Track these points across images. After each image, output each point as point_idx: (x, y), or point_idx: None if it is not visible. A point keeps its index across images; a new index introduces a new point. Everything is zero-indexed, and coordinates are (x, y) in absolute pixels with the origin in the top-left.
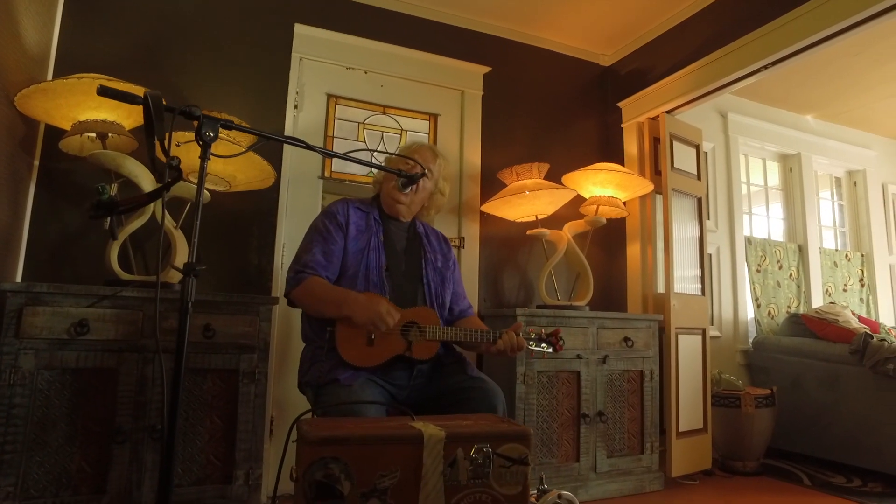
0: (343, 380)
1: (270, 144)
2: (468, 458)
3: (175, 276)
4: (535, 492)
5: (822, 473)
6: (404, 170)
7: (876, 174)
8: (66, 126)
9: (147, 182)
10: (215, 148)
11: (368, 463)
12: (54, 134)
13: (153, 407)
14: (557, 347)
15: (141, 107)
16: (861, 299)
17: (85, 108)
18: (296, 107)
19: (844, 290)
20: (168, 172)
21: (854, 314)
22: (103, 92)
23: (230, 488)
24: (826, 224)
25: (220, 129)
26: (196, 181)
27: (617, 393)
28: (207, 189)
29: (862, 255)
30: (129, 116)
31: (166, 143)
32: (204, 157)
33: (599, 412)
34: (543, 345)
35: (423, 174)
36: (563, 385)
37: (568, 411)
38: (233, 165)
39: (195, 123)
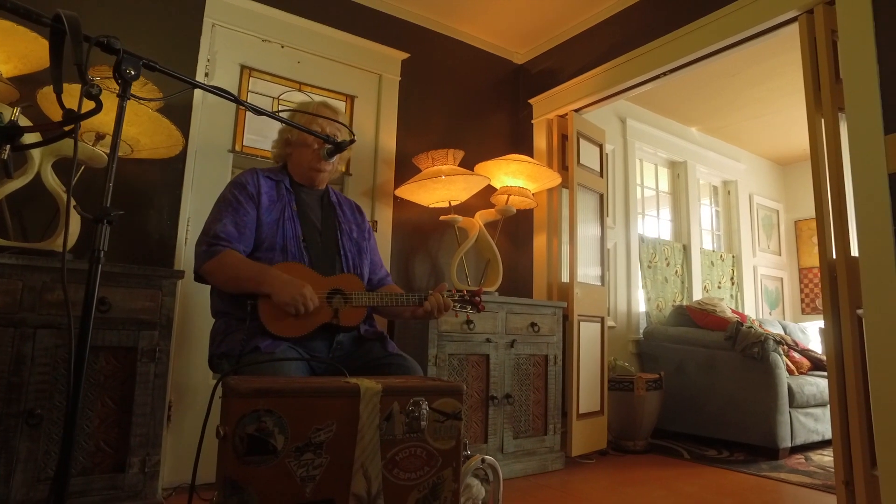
0: (264, 348)
1: (178, 112)
2: (404, 412)
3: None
4: None
5: (698, 448)
6: (330, 135)
7: (745, 185)
8: None
9: (32, 141)
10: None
11: (303, 416)
12: None
13: (31, 389)
14: (480, 308)
15: (26, 46)
16: (731, 295)
17: None
18: (206, 75)
19: (719, 287)
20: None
21: (727, 307)
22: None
23: (123, 477)
24: (705, 227)
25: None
26: (90, 143)
27: (523, 376)
28: (105, 153)
29: (733, 257)
30: (7, 61)
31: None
32: (124, 96)
33: (507, 394)
34: (468, 306)
35: (353, 141)
36: (472, 368)
37: (477, 393)
38: (137, 127)
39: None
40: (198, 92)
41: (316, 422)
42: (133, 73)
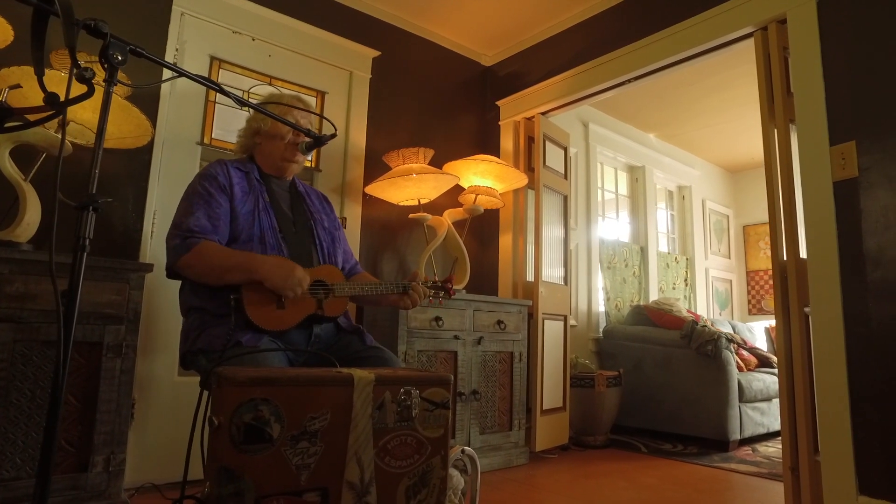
0: (246, 342)
1: (146, 102)
2: (395, 401)
3: (23, 235)
4: None
5: (655, 442)
6: (312, 131)
7: (698, 191)
8: None
9: None
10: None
11: (299, 405)
12: None
13: None
14: (451, 293)
15: None
16: (685, 296)
17: None
18: (175, 65)
19: (674, 288)
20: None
21: (683, 307)
22: None
23: (85, 477)
24: (661, 230)
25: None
26: (52, 129)
27: (490, 373)
28: (69, 141)
29: (686, 259)
30: None
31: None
32: (111, 81)
33: (474, 391)
34: (442, 293)
35: (334, 136)
36: (441, 364)
37: None
38: None
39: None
40: (166, 83)
41: (311, 410)
42: (120, 58)
